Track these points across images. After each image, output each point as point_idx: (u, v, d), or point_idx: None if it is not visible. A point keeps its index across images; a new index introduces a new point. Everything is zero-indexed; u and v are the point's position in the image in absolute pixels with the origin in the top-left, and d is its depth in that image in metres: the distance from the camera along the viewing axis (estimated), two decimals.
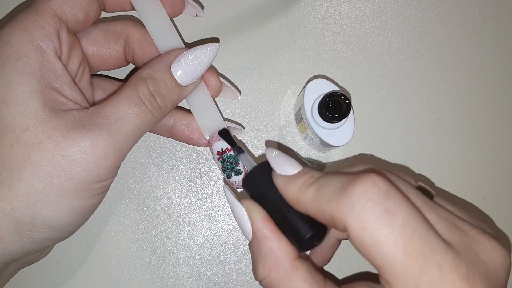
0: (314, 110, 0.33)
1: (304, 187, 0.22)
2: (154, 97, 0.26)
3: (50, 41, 0.25)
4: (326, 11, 0.40)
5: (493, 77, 0.40)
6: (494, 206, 0.38)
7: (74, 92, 0.26)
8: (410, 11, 0.40)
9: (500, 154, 0.39)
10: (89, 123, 0.24)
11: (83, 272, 0.35)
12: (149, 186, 0.36)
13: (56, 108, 0.24)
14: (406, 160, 0.38)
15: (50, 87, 0.25)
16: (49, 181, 0.23)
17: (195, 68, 0.27)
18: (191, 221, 0.36)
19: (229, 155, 0.30)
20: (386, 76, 0.39)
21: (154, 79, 0.27)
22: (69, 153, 0.23)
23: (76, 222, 0.26)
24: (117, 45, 0.31)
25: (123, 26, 0.31)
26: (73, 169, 0.24)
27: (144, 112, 0.26)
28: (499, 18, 0.41)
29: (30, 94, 0.24)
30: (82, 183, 0.24)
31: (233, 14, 0.39)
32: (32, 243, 0.25)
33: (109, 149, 0.24)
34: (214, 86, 0.31)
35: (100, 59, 0.31)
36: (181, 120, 0.32)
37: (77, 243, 0.35)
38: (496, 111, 0.40)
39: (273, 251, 0.22)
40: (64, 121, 0.24)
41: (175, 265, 0.35)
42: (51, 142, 0.23)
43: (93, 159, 0.24)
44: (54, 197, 0.24)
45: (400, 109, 0.39)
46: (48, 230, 0.25)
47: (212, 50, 0.28)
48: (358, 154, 0.38)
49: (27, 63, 0.24)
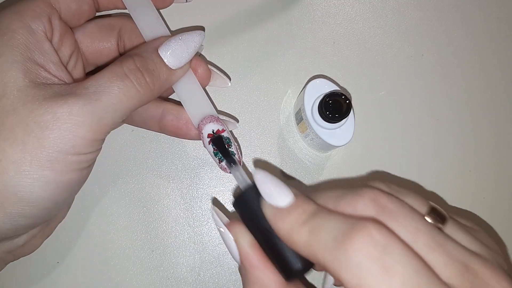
0: (314, 110, 0.33)
1: (296, 225, 0.20)
2: (140, 72, 0.26)
3: (40, 22, 0.26)
4: (326, 11, 0.40)
5: (494, 77, 0.40)
6: (494, 206, 0.38)
7: (60, 71, 0.26)
8: (410, 10, 0.40)
9: (500, 154, 0.39)
10: (67, 93, 0.24)
11: (83, 272, 0.35)
12: (149, 186, 0.36)
13: (38, 81, 0.24)
14: (406, 160, 0.38)
15: (34, 62, 0.25)
16: (21, 148, 0.23)
17: (182, 50, 0.27)
18: (191, 221, 0.36)
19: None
20: (386, 76, 0.39)
21: (141, 56, 0.26)
22: (43, 120, 0.23)
23: (50, 198, 0.25)
24: (111, 38, 0.31)
25: (116, 19, 0.31)
26: (46, 136, 0.23)
27: (127, 86, 0.25)
28: (499, 18, 0.41)
29: (11, 64, 0.24)
30: (56, 153, 0.23)
31: (233, 14, 0.39)
32: (5, 218, 0.24)
33: (85, 118, 0.23)
34: (202, 74, 0.31)
35: (95, 52, 0.31)
36: (170, 110, 0.31)
37: (77, 243, 0.35)
38: (497, 111, 0.40)
39: (260, 279, 0.22)
40: (42, 92, 0.24)
41: (175, 265, 0.35)
42: (26, 109, 0.23)
43: (68, 126, 0.23)
44: (27, 166, 0.23)
45: (401, 109, 0.39)
46: (21, 204, 0.24)
47: (199, 35, 0.28)
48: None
49: (12, 37, 0.24)
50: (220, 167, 0.30)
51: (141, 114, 0.32)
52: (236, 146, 0.30)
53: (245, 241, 0.22)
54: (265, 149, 0.37)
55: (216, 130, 0.29)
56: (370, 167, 0.38)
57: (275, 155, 0.37)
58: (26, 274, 0.34)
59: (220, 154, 0.29)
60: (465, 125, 0.39)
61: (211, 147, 0.30)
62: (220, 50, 0.38)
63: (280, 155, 0.37)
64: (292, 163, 0.37)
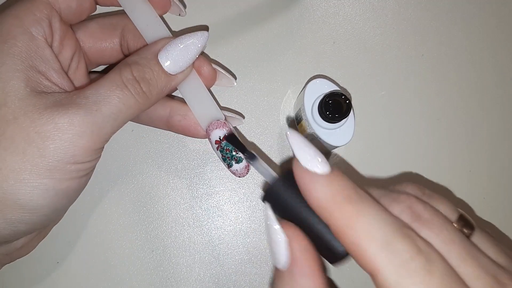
0: (314, 110, 0.33)
1: (339, 197, 0.18)
2: (137, 82, 0.26)
3: (41, 27, 0.25)
4: (326, 10, 0.39)
5: (494, 76, 0.40)
6: (494, 206, 0.38)
7: (61, 78, 0.26)
8: (410, 10, 0.40)
9: (501, 154, 0.39)
10: (68, 102, 0.24)
11: (83, 273, 0.35)
12: (149, 186, 0.36)
13: (39, 90, 0.24)
14: (406, 160, 0.38)
15: (35, 70, 0.25)
16: (22, 157, 0.23)
17: (183, 55, 0.27)
18: (191, 221, 0.36)
19: (228, 143, 0.29)
20: (386, 76, 0.39)
21: (139, 64, 0.26)
22: (44, 130, 0.23)
23: (49, 205, 0.25)
24: (114, 37, 0.31)
25: (119, 18, 0.31)
26: (47, 146, 0.23)
27: (126, 96, 0.25)
28: (500, 17, 0.41)
29: (13, 73, 0.24)
30: (56, 162, 0.23)
31: (233, 14, 0.39)
32: (4, 224, 0.24)
33: (86, 128, 0.24)
34: (207, 74, 0.30)
35: (97, 52, 0.31)
36: (177, 111, 0.31)
37: (77, 243, 0.35)
38: (497, 111, 0.40)
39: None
40: (43, 101, 0.24)
41: (175, 265, 0.35)
42: (27, 119, 0.23)
43: (68, 137, 0.23)
44: (26, 175, 0.23)
45: (401, 109, 0.39)
46: (20, 211, 0.24)
47: (202, 37, 0.27)
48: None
49: (14, 45, 0.24)
50: (230, 171, 0.30)
51: (148, 114, 0.31)
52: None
53: (301, 246, 0.20)
54: (265, 149, 0.37)
55: (223, 137, 0.29)
56: (370, 167, 0.38)
57: (275, 155, 0.37)
58: (26, 274, 0.34)
59: (228, 160, 0.29)
60: (465, 125, 0.39)
61: (219, 153, 0.30)
62: (220, 50, 0.38)
63: (280, 155, 0.37)
64: None
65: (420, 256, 0.18)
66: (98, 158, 0.26)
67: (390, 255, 0.17)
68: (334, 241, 0.20)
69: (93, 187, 0.35)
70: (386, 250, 0.18)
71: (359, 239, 0.18)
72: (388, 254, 0.17)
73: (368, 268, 0.18)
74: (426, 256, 0.18)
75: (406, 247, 0.18)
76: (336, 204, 0.18)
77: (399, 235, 0.18)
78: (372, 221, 0.18)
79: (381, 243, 0.18)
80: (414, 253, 0.18)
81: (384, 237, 0.18)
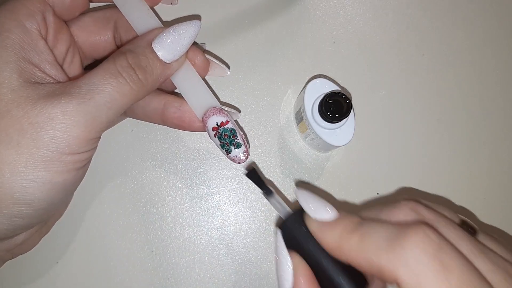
0: (315, 110, 0.32)
1: (345, 233, 0.21)
2: (133, 69, 0.26)
3: (35, 20, 0.25)
4: (326, 10, 0.39)
5: (494, 77, 0.40)
6: (495, 207, 0.38)
7: (55, 70, 0.26)
8: (411, 10, 0.40)
9: (501, 154, 0.39)
10: (61, 92, 0.24)
11: (82, 273, 0.35)
12: (149, 186, 0.36)
13: (32, 81, 0.24)
14: (406, 160, 0.38)
15: (28, 61, 0.25)
16: (16, 150, 0.23)
17: (177, 44, 0.27)
18: (191, 222, 0.36)
19: (225, 129, 0.29)
20: (386, 76, 0.39)
21: (133, 52, 0.26)
22: (37, 121, 0.23)
23: (46, 198, 0.24)
24: (107, 30, 0.31)
25: (111, 11, 0.31)
26: (41, 137, 0.23)
27: (120, 84, 0.25)
28: (500, 17, 0.41)
29: (5, 64, 0.24)
30: (51, 153, 0.23)
31: (233, 14, 0.38)
32: (1, 218, 0.24)
33: (79, 118, 0.23)
34: (200, 64, 0.30)
35: (91, 46, 0.31)
36: (172, 102, 0.31)
37: (76, 244, 0.35)
38: (497, 111, 0.40)
39: None
40: (36, 91, 0.24)
41: (175, 265, 0.35)
42: (20, 110, 0.23)
43: (62, 126, 0.23)
44: (22, 167, 0.23)
45: (401, 109, 0.39)
46: (17, 204, 0.24)
47: (194, 26, 0.27)
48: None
49: (7, 37, 0.24)
50: (229, 158, 0.29)
51: (143, 107, 0.31)
52: (242, 136, 0.30)
53: (304, 273, 0.22)
54: (265, 149, 0.37)
55: (220, 122, 0.29)
56: (370, 167, 0.38)
57: (275, 155, 0.37)
58: (26, 274, 0.34)
59: (226, 146, 0.29)
60: (466, 125, 0.39)
61: (217, 140, 0.29)
62: (220, 50, 0.38)
63: (280, 155, 0.37)
64: (292, 163, 0.37)
65: (433, 249, 0.18)
66: (94, 149, 0.26)
67: (404, 260, 0.18)
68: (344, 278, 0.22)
69: (93, 187, 0.35)
70: (394, 251, 0.18)
71: (369, 256, 0.19)
72: (402, 259, 0.18)
73: (390, 279, 0.19)
74: (439, 249, 0.18)
75: (414, 241, 0.18)
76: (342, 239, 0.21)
77: (403, 235, 0.19)
78: (373, 234, 0.20)
79: (386, 248, 0.19)
80: (426, 245, 0.18)
81: (389, 242, 0.19)
